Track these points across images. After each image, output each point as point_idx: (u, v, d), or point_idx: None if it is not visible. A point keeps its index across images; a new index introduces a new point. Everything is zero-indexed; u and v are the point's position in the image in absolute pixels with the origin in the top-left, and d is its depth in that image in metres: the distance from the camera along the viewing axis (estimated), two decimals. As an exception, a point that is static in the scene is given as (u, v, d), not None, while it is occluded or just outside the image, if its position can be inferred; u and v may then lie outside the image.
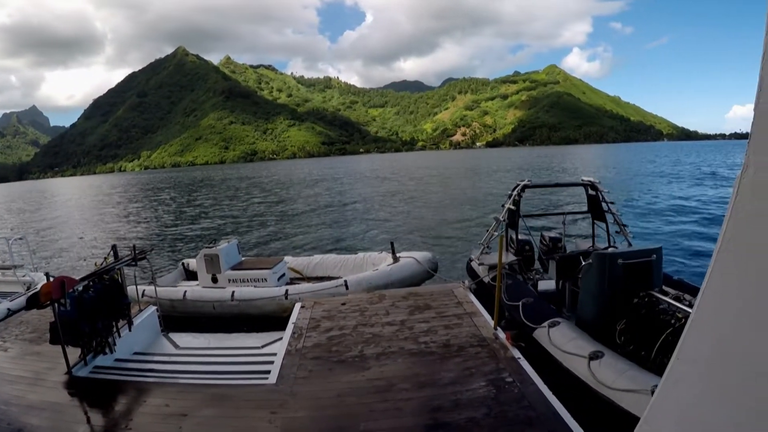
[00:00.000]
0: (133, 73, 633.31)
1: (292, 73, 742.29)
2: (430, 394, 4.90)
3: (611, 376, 4.72)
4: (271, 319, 8.20)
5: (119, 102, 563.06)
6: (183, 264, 11.84)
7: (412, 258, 10.10)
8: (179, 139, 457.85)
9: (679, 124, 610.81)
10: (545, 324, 6.10)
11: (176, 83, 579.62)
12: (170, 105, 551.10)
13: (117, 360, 6.33)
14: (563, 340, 5.64)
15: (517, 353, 5.71)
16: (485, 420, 4.36)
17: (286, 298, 8.72)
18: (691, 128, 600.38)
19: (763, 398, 1.28)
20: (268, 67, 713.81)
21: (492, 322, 6.59)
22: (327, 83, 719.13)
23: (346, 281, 9.17)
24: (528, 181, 8.89)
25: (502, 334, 6.25)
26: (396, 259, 10.20)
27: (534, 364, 5.40)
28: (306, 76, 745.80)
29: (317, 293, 8.75)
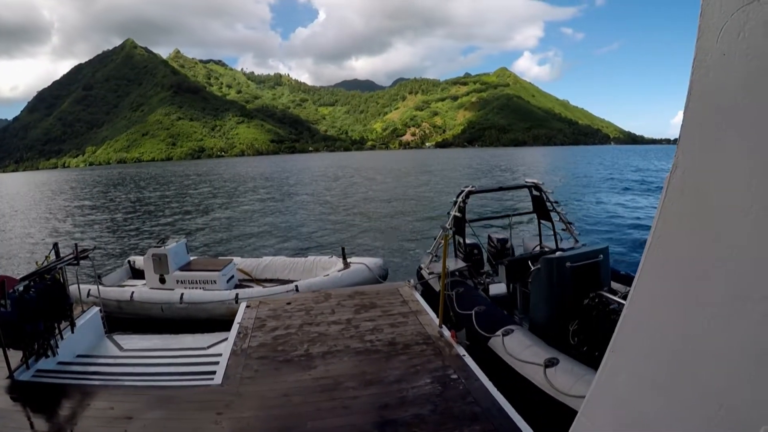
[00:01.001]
0: (80, 65, 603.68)
1: (242, 69, 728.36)
2: (377, 391, 4.91)
3: (568, 382, 4.74)
4: (220, 323, 8.01)
5: (64, 95, 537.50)
6: (129, 261, 11.42)
7: (362, 264, 10.08)
8: (126, 134, 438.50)
9: (626, 129, 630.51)
10: (499, 332, 6.09)
11: (124, 76, 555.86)
12: (117, 99, 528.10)
13: (60, 363, 6.08)
14: (518, 348, 5.64)
15: (461, 350, 5.78)
16: (431, 416, 4.40)
17: (236, 302, 8.52)
18: (638, 132, 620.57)
19: (691, 388, 1.33)
20: (218, 63, 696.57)
21: (437, 321, 6.63)
22: (277, 80, 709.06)
23: (297, 286, 9.06)
24: (472, 186, 8.89)
25: (447, 332, 6.31)
26: (347, 265, 10.18)
27: (490, 374, 5.38)
28: (256, 73, 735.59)
29: (268, 298, 8.58)
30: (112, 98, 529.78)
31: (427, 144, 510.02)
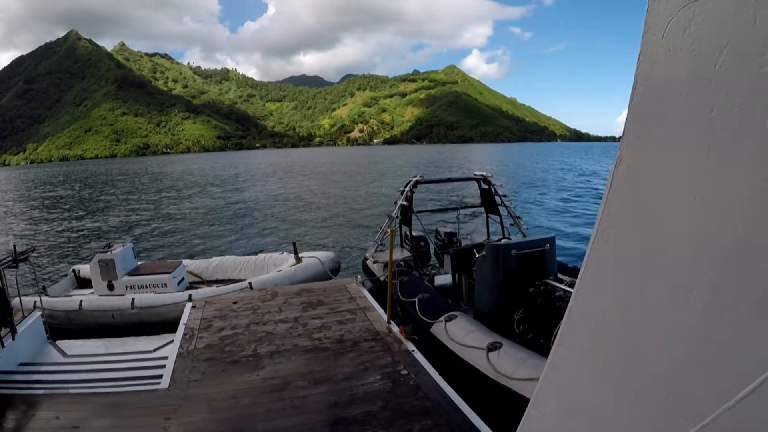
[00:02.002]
0: (21, 57, 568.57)
1: (189, 64, 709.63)
2: (327, 390, 4.87)
3: (511, 365, 4.75)
4: (174, 326, 7.80)
5: (4, 89, 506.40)
6: (74, 271, 10.72)
7: (315, 258, 10.00)
8: (68, 130, 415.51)
9: (573, 126, 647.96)
10: (442, 318, 6.09)
11: (67, 70, 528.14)
12: (59, 93, 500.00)
13: (1, 372, 5.81)
14: (461, 334, 5.64)
15: (411, 346, 5.78)
16: (382, 413, 4.39)
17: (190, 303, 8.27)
18: (584, 130, 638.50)
19: (638, 377, 1.36)
20: (164, 56, 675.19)
21: (385, 317, 6.63)
22: (224, 75, 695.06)
23: (250, 284, 8.90)
24: (420, 176, 8.88)
25: (395, 328, 6.30)
26: (299, 260, 10.05)
27: (432, 359, 5.43)
28: (203, 67, 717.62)
29: (213, 298, 8.37)
30: (55, 92, 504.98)
31: (375, 140, 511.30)
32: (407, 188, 8.65)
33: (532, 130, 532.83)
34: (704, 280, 1.14)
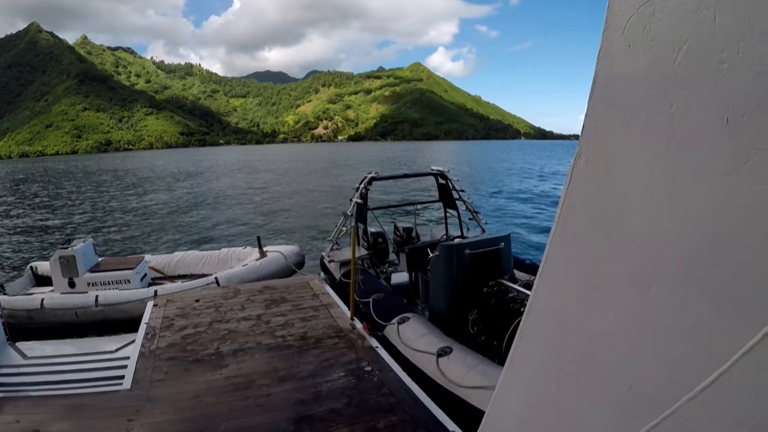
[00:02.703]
0: None
1: (152, 58, 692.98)
2: (291, 387, 4.81)
3: (460, 372, 4.63)
4: (139, 324, 7.60)
5: None
6: (32, 268, 10.32)
7: (279, 252, 9.97)
8: (28, 126, 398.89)
9: (537, 125, 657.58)
10: (394, 320, 5.98)
11: (27, 63, 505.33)
12: (20, 87, 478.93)
13: None
14: (413, 337, 5.52)
15: (374, 342, 5.77)
16: (347, 410, 4.37)
17: (155, 299, 8.03)
18: (548, 128, 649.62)
19: (599, 371, 1.37)
20: (127, 50, 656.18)
21: (349, 313, 6.60)
22: (188, 70, 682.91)
23: (216, 278, 8.79)
24: (375, 173, 8.75)
25: (359, 324, 6.27)
26: (263, 254, 10.00)
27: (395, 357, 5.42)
28: (166, 62, 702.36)
29: (187, 292, 8.21)
30: (15, 86, 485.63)
31: (339, 137, 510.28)
32: (362, 185, 8.51)
33: (496, 128, 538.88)
34: (665, 274, 1.16)
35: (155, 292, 8.29)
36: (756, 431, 1.00)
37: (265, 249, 10.16)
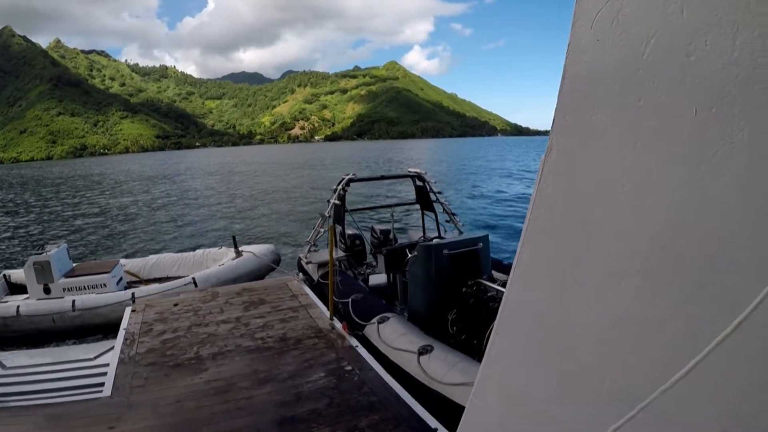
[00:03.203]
0: None
1: (126, 61, 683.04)
2: (271, 389, 4.79)
3: (442, 369, 4.69)
4: (117, 327, 7.48)
5: None
6: (5, 276, 10.09)
7: (255, 251, 10.01)
8: (2, 132, 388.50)
9: (513, 121, 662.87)
10: (374, 320, 6.02)
11: (0, 68, 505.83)
12: None
13: None
14: (393, 336, 5.57)
15: (354, 342, 5.77)
16: (328, 410, 4.36)
17: (134, 301, 7.99)
18: (524, 124, 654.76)
19: (574, 362, 1.38)
20: (101, 53, 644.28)
21: (328, 313, 6.58)
22: (163, 72, 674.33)
23: (194, 279, 8.76)
24: (353, 174, 8.75)
25: (338, 324, 6.27)
26: (239, 254, 9.98)
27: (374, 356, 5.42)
28: (141, 64, 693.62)
29: (165, 294, 8.17)
30: None
31: (316, 137, 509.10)
32: (340, 186, 8.50)
33: (472, 125, 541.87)
34: (636, 266, 1.17)
35: (132, 294, 8.22)
36: (730, 420, 1.01)
37: (240, 249, 10.15)
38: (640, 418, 1.16)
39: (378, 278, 8.09)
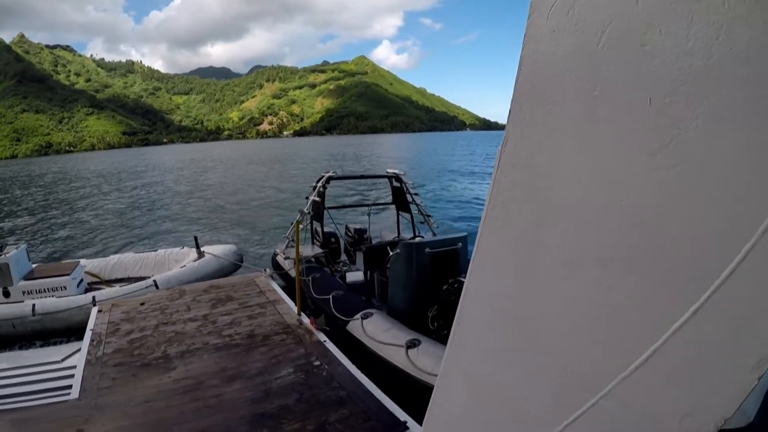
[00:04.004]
0: None
1: (91, 56, 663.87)
2: (240, 386, 4.77)
3: (431, 362, 4.84)
4: (80, 331, 7.13)
5: None
6: None
7: (217, 252, 9.91)
8: None
9: (482, 116, 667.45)
10: (358, 316, 6.13)
11: None
12: None
13: None
14: (378, 331, 5.69)
15: (322, 336, 5.79)
16: (297, 405, 4.36)
17: (95, 305, 7.72)
18: (493, 119, 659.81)
19: (534, 352, 1.39)
20: (66, 48, 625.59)
21: (296, 309, 6.59)
22: (129, 67, 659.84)
23: (155, 281, 8.59)
24: (333, 172, 8.88)
25: (306, 319, 6.27)
26: (201, 254, 9.86)
27: (351, 358, 5.39)
28: (107, 59, 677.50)
29: (127, 296, 8.02)
30: None
31: (285, 133, 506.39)
32: (319, 184, 8.61)
33: (442, 119, 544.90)
34: (592, 255, 1.18)
35: (93, 298, 8.01)
36: (689, 405, 1.02)
37: (202, 249, 10.03)
38: (602, 405, 1.17)
39: (354, 276, 8.17)
